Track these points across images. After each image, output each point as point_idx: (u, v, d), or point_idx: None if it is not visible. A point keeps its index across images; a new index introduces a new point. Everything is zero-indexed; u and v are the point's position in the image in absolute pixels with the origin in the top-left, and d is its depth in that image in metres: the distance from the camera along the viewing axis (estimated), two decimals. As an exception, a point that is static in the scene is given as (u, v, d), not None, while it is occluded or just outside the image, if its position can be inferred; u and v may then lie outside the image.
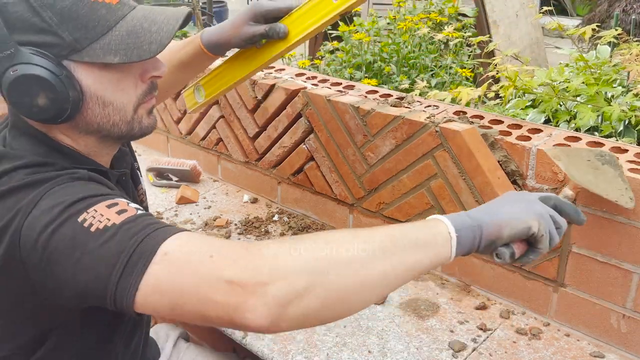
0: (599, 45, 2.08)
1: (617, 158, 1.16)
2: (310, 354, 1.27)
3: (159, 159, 2.06)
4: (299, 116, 1.69)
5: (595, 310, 1.26)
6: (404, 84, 2.35)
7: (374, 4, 5.98)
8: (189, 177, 2.02)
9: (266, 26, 1.20)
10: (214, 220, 1.79)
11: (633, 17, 5.23)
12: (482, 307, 1.40)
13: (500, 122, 1.39)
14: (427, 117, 1.42)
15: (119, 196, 0.84)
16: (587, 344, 1.28)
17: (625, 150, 1.24)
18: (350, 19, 2.97)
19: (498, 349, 1.28)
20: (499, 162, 1.32)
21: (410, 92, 2.00)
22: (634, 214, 1.14)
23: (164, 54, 0.98)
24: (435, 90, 2.11)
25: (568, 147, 1.25)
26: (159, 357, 1.34)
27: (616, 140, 1.53)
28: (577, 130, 1.62)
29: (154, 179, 2.04)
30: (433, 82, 2.51)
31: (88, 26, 0.86)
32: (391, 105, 1.51)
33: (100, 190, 0.85)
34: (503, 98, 1.76)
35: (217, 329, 1.39)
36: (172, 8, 0.95)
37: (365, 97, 1.59)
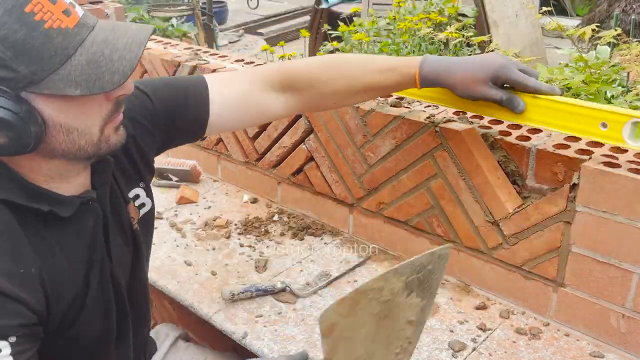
0: (598, 45, 2.08)
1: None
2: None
3: (158, 159, 2.06)
4: (298, 116, 1.69)
5: (594, 310, 1.26)
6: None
7: (374, 4, 5.99)
8: (189, 177, 2.02)
9: (505, 95, 1.14)
10: (214, 220, 1.79)
11: (633, 17, 5.24)
12: (482, 307, 1.40)
13: (499, 122, 1.39)
14: (427, 117, 1.42)
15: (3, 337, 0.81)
16: (586, 343, 1.28)
17: (625, 151, 1.24)
18: (350, 19, 2.97)
19: (498, 349, 1.28)
20: (498, 162, 1.32)
21: (410, 92, 2.00)
22: (634, 213, 1.15)
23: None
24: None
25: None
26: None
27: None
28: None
29: (154, 179, 2.04)
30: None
31: (44, 57, 0.81)
32: (391, 105, 1.51)
33: None
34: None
35: (217, 329, 1.39)
36: (135, 26, 0.90)
37: (365, 97, 1.59)
